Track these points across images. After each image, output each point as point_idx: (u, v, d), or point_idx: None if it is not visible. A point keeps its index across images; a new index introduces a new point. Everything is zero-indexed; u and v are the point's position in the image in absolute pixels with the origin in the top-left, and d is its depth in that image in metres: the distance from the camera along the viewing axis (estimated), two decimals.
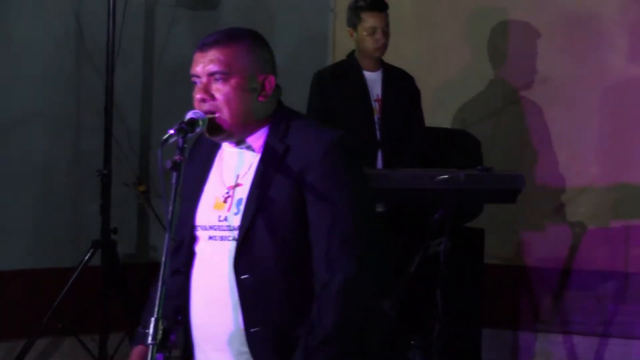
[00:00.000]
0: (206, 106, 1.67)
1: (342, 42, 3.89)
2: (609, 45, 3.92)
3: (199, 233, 1.77)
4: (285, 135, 1.73)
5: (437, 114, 4.00)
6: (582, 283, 3.84)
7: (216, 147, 1.81)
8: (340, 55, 3.85)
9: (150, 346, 1.51)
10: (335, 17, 4.17)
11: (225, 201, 1.76)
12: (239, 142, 1.74)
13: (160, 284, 1.52)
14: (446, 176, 3.13)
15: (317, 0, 4.31)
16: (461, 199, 3.29)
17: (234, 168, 1.77)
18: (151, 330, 1.51)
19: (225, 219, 1.74)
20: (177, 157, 1.57)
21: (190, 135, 1.64)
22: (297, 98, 3.14)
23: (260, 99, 1.69)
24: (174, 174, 1.56)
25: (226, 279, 1.71)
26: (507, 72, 4.23)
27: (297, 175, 1.68)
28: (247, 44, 1.73)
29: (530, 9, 4.09)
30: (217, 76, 1.68)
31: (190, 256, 1.79)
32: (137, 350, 1.78)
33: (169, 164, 1.56)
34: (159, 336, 1.52)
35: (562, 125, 4.00)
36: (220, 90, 1.66)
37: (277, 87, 1.76)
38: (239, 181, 1.75)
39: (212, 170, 1.81)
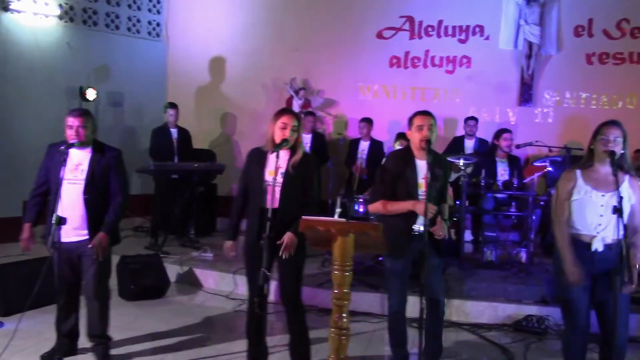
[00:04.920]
0: (74, 138, 3.96)
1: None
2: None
3: (64, 182, 3.86)
4: (102, 150, 4.09)
5: (202, 144, 9.07)
6: None
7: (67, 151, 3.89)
8: None
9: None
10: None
11: (76, 169, 3.97)
12: (81, 149, 4.01)
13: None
14: (197, 165, 7.42)
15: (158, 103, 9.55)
16: (205, 172, 7.87)
17: (78, 158, 3.98)
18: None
19: (76, 177, 3.97)
20: (65, 157, 3.89)
21: (71, 147, 3.94)
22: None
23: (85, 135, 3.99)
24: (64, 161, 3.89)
25: (79, 198, 3.96)
26: (228, 130, 9.68)
27: (106, 164, 4.07)
28: (86, 115, 4.03)
29: (235, 110, 9.66)
30: (77, 126, 3.96)
31: (58, 191, 3.82)
32: (27, 225, 4.14)
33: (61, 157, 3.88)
34: (34, 217, 4.10)
35: (243, 148, 9.73)
36: (81, 132, 3.97)
37: (94, 132, 4.06)
38: (81, 162, 3.98)
39: (67, 159, 3.89)
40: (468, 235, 7.51)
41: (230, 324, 5.47)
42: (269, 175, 3.78)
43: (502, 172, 6.97)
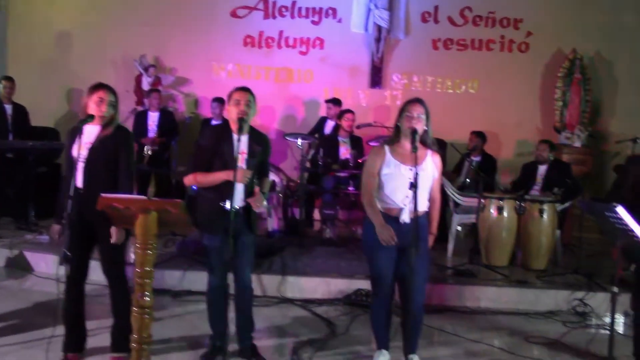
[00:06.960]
0: None
1: None
2: None
3: None
4: None
5: (46, 122, 8.93)
6: None
7: None
8: None
9: None
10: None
11: None
12: None
13: None
14: (32, 143, 7.28)
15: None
16: (43, 152, 7.42)
17: None
18: None
19: None
20: None
21: None
22: None
23: None
24: None
25: None
26: (75, 107, 9.37)
27: None
28: None
29: (83, 87, 9.44)
30: None
31: None
32: None
33: None
34: None
35: None
36: None
37: None
38: None
39: None
40: (317, 214, 7.66)
41: (56, 308, 5.24)
42: (76, 151, 3.68)
43: (344, 151, 7.16)
